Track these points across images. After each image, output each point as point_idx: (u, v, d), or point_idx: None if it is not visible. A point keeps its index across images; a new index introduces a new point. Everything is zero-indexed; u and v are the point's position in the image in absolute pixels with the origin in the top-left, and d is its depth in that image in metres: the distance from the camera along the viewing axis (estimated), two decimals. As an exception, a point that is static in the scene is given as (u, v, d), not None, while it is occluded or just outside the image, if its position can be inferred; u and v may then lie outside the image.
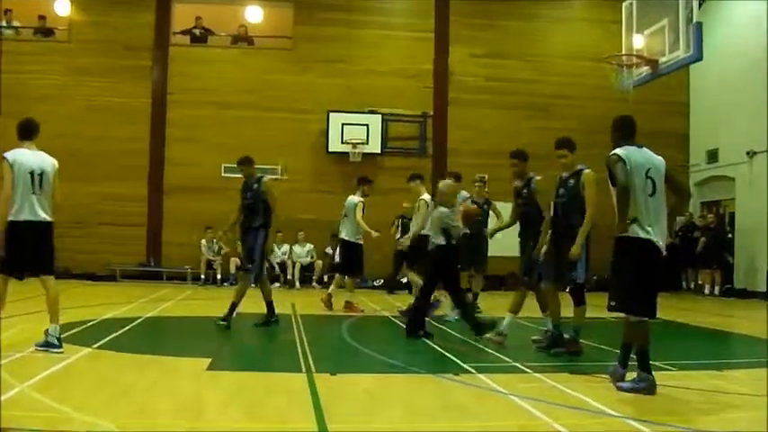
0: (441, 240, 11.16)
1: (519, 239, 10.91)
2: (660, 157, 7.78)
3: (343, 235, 15.48)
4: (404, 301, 15.75)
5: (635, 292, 7.54)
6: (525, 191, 10.74)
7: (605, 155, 7.73)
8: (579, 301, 9.80)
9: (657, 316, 8.00)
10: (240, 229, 12.21)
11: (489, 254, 15.30)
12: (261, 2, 24.99)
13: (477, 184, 15.49)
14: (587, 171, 9.65)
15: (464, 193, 14.39)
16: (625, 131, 7.91)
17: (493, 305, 15.93)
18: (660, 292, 7.78)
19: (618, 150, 7.63)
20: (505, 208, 14.50)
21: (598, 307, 9.12)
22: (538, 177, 10.73)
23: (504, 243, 15.29)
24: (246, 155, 12.51)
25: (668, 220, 7.83)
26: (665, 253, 7.60)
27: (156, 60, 23.55)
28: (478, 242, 14.93)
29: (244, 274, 12.31)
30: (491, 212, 15.24)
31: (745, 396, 7.62)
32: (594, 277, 21.95)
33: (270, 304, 12.26)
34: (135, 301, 15.64)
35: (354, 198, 15.15)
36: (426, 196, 13.81)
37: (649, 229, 7.46)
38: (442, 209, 11.31)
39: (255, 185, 12.05)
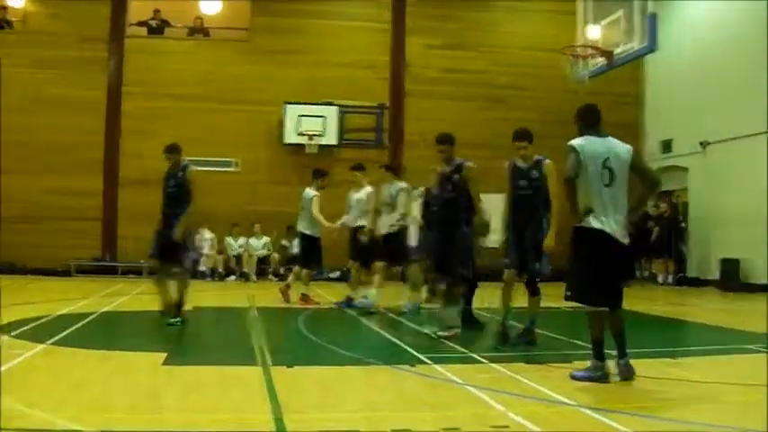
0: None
1: (436, 227, 10.95)
2: (627, 146, 7.79)
3: (301, 228, 15.44)
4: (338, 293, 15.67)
5: (590, 282, 7.59)
6: (456, 176, 10.71)
7: (562, 145, 7.79)
8: (535, 292, 9.87)
9: (627, 306, 8.09)
10: (161, 217, 11.66)
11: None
12: (218, -7, 24.91)
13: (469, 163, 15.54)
14: (548, 161, 9.68)
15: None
16: (589, 120, 7.94)
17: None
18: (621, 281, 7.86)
19: (574, 140, 7.70)
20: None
21: (553, 296, 9.19)
22: (469, 163, 10.79)
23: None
24: (175, 143, 12.15)
25: (636, 208, 7.96)
26: (626, 242, 7.62)
27: (112, 52, 23.29)
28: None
29: (182, 269, 12.00)
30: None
31: (698, 383, 7.73)
32: (551, 267, 22.13)
33: (180, 302, 11.53)
34: (90, 297, 15.53)
35: (310, 191, 15.12)
36: (402, 185, 13.89)
37: (604, 219, 7.48)
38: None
39: (180, 173, 11.73)
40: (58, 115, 22.28)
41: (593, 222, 7.49)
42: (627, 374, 7.55)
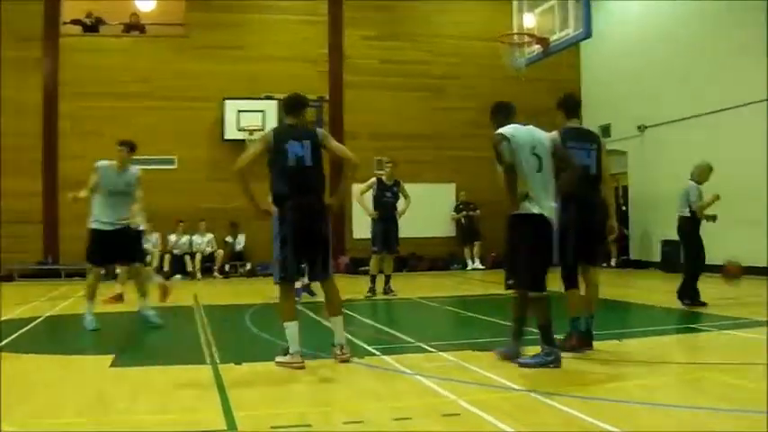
0: None
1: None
2: (546, 133, 8.04)
3: None
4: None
5: (534, 267, 7.73)
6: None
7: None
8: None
9: (557, 288, 8.26)
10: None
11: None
12: (153, -11, 24.70)
13: (387, 164, 15.71)
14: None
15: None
16: (505, 113, 8.22)
17: (404, 286, 16.09)
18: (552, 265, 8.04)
19: (503, 129, 7.86)
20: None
21: (497, 284, 9.26)
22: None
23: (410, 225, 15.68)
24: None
25: (559, 193, 8.08)
26: (555, 227, 7.80)
27: (47, 52, 22.94)
28: (389, 224, 15.20)
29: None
30: (400, 194, 15.49)
31: (645, 363, 7.88)
32: (493, 254, 22.30)
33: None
34: (33, 301, 15.38)
35: None
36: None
37: (541, 204, 7.67)
38: None
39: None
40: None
41: (533, 208, 7.65)
42: (509, 357, 7.86)
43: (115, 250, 11.18)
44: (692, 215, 12.80)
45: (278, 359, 7.88)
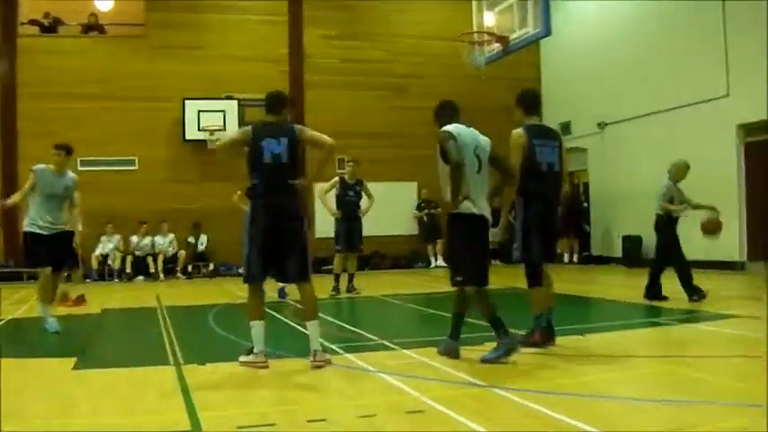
0: None
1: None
2: (486, 138, 8.20)
3: None
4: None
5: (477, 264, 7.94)
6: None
7: None
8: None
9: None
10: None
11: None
12: (111, -11, 24.55)
13: (349, 163, 15.76)
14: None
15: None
16: (450, 112, 8.34)
17: (368, 284, 16.12)
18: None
19: (449, 127, 7.99)
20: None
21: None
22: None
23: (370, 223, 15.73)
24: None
25: (494, 196, 8.29)
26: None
27: (4, 53, 22.73)
28: (352, 223, 15.25)
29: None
30: (363, 193, 15.54)
31: (607, 357, 7.97)
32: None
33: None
34: (-4, 303, 15.25)
35: None
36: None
37: (479, 204, 7.86)
38: None
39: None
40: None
41: (473, 209, 7.82)
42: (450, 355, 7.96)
43: (52, 254, 11.06)
44: (668, 213, 12.89)
45: (242, 359, 7.88)
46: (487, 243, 8.04)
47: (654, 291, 12.74)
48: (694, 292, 12.37)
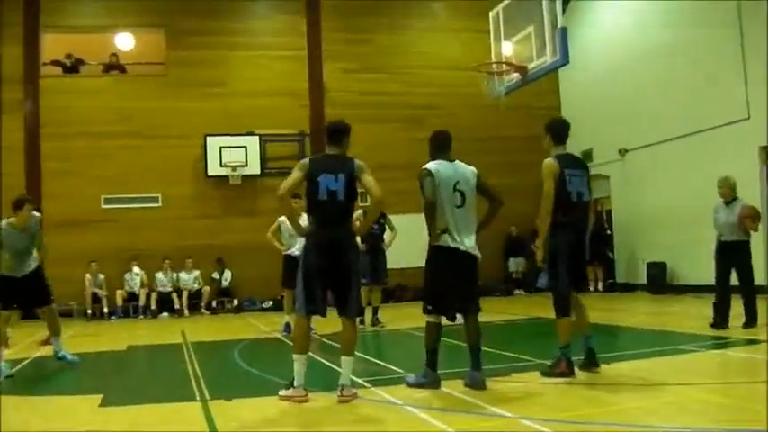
0: None
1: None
2: (472, 168, 8.35)
3: None
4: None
5: (445, 295, 8.13)
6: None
7: (478, 162, 8.06)
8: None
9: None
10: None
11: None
12: (131, 28, 24.75)
13: None
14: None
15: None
16: (439, 144, 8.40)
17: (392, 317, 16.08)
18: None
19: (429, 165, 8.16)
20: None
21: (486, 312, 9.24)
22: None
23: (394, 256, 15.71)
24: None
25: (483, 225, 8.43)
26: (479, 255, 8.18)
27: (28, 93, 22.98)
28: (377, 256, 15.19)
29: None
30: (386, 226, 15.51)
31: (634, 386, 7.90)
32: (479, 282, 22.24)
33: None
34: (21, 342, 15.29)
35: None
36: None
37: (458, 238, 8.01)
38: None
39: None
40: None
41: (450, 242, 7.99)
42: (479, 385, 7.95)
43: (25, 295, 11.14)
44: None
45: (282, 392, 7.83)
46: (466, 276, 8.15)
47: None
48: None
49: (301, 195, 8.30)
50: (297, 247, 14.17)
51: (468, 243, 8.06)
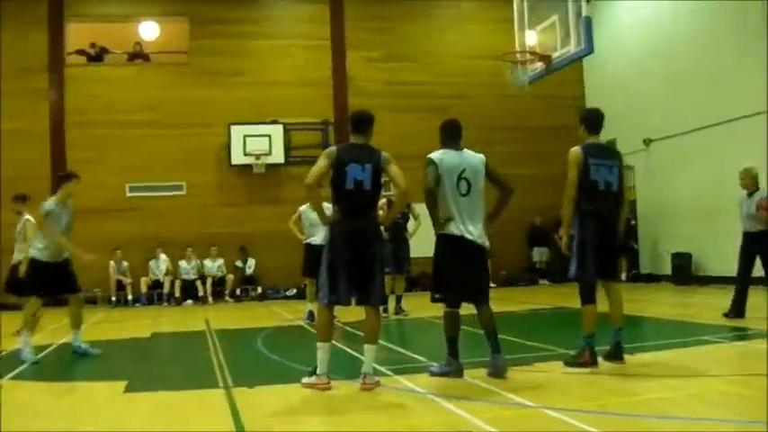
0: None
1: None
2: (480, 156, 8.32)
3: None
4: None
5: (454, 284, 8.21)
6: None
7: (505, 151, 8.05)
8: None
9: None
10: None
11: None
12: (155, 17, 24.77)
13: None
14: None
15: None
16: (449, 133, 8.46)
17: (416, 306, 16.07)
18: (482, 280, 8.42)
19: (433, 154, 8.22)
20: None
21: (509, 301, 9.23)
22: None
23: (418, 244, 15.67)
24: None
25: (494, 215, 8.45)
26: (486, 245, 8.17)
27: (52, 82, 23.08)
28: (400, 245, 15.17)
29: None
30: (410, 215, 15.48)
31: (657, 377, 7.86)
32: (503, 272, 22.22)
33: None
34: (46, 328, 15.38)
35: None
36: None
37: (462, 227, 8.02)
38: None
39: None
40: (1, 148, 21.96)
41: (455, 230, 8.01)
42: (499, 371, 7.99)
43: (59, 282, 11.50)
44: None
45: (304, 380, 7.84)
46: (473, 266, 8.15)
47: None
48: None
49: (323, 185, 8.29)
50: (318, 237, 14.29)
51: (475, 232, 8.06)
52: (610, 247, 8.59)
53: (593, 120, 9.01)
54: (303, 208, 14.96)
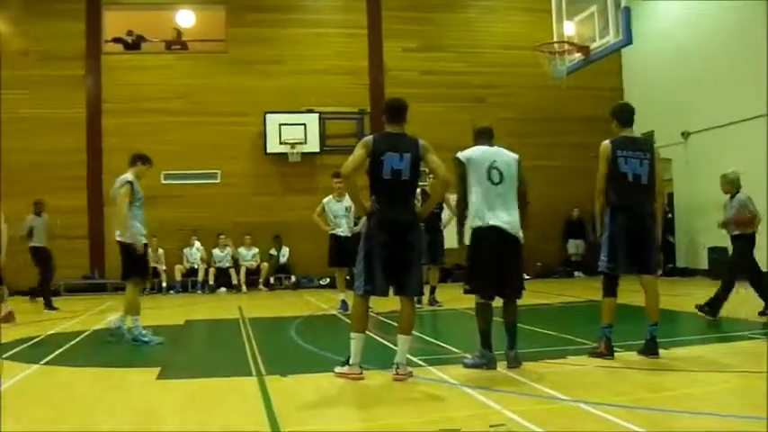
0: None
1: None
2: (514, 155, 8.38)
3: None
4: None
5: (481, 275, 8.19)
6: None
7: (539, 143, 8.03)
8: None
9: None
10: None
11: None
12: (192, 5, 24.86)
13: (429, 176, 15.64)
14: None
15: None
16: (480, 135, 8.55)
17: (450, 297, 16.04)
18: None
19: (462, 152, 8.34)
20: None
21: (544, 293, 9.17)
22: None
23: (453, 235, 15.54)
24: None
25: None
26: (520, 236, 8.17)
27: (89, 70, 23.22)
28: (434, 236, 15.10)
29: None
30: (444, 205, 15.39)
31: (685, 372, 7.80)
32: (538, 264, 22.13)
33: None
34: (81, 315, 15.51)
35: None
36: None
37: (493, 216, 8.08)
38: None
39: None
40: (38, 136, 22.15)
41: (478, 222, 8.09)
42: (514, 364, 8.04)
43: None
44: None
45: (337, 369, 7.85)
46: (506, 257, 8.12)
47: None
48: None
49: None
50: (343, 228, 14.42)
51: (509, 220, 8.06)
52: (642, 240, 8.52)
53: (623, 113, 9.00)
54: (326, 200, 15.04)
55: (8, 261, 14.89)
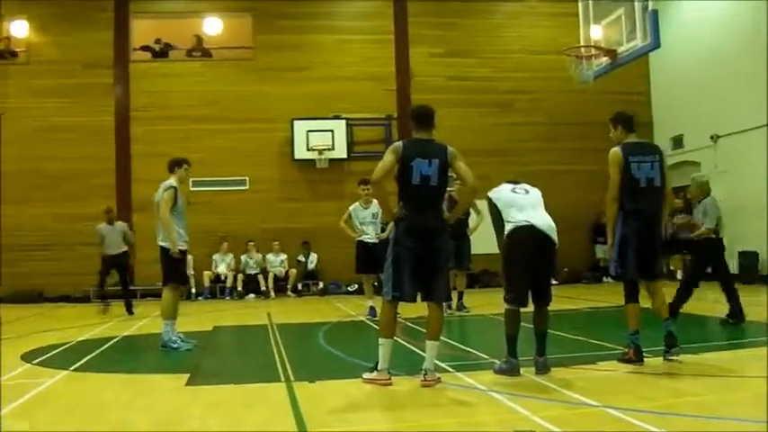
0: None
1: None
2: (537, 191, 8.55)
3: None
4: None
5: (519, 282, 8.28)
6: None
7: (566, 147, 8.04)
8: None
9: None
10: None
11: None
12: (219, 13, 24.93)
13: (456, 181, 15.62)
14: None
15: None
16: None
17: (477, 302, 16.01)
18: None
19: (491, 192, 8.53)
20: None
21: (574, 298, 9.14)
22: None
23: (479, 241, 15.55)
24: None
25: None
26: (553, 238, 8.19)
27: (118, 78, 23.41)
28: (460, 241, 15.07)
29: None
30: (471, 210, 15.38)
31: (719, 378, 7.74)
32: (565, 269, 22.05)
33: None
34: (111, 321, 15.60)
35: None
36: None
37: (527, 216, 8.16)
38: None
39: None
40: (68, 143, 22.40)
41: (515, 222, 8.16)
42: (543, 371, 8.05)
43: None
44: None
45: (365, 375, 7.86)
46: (540, 259, 8.15)
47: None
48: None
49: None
50: (369, 234, 14.49)
51: (543, 219, 8.18)
52: (650, 244, 8.57)
53: (630, 119, 9.09)
54: (353, 207, 15.14)
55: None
